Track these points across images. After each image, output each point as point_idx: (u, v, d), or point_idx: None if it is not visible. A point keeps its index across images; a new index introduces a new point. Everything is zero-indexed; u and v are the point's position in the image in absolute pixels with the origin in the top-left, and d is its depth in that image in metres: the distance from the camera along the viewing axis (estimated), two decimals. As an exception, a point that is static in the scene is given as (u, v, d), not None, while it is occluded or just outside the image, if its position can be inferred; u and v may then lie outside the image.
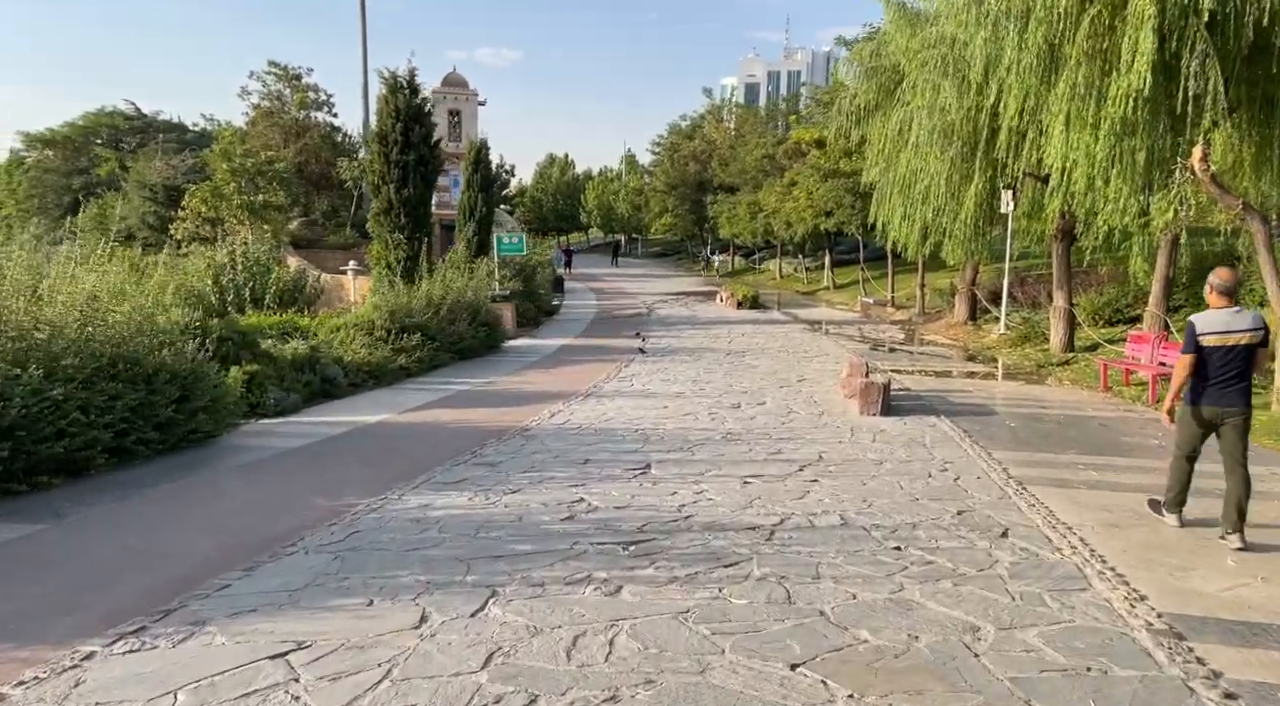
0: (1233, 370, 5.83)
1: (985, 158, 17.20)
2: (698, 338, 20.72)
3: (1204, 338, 5.88)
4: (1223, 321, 5.88)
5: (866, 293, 30.40)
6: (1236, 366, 5.83)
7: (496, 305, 20.36)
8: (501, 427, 9.80)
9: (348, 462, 8.35)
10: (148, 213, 40.97)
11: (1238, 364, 5.83)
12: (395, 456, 8.49)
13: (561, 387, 12.97)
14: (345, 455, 8.66)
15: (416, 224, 22.15)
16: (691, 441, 9.19)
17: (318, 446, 8.92)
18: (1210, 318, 5.95)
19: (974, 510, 6.71)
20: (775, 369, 15.55)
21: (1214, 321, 5.90)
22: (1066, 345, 17.60)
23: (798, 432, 9.79)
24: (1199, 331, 5.90)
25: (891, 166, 20.56)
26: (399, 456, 8.46)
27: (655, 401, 11.81)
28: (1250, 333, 5.81)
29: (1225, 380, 5.84)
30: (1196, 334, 5.90)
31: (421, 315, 15.39)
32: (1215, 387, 5.87)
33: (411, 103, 21.91)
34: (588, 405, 11.47)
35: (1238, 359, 5.82)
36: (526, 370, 15.13)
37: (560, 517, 6.32)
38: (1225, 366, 5.84)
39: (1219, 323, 5.88)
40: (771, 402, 11.89)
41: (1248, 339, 5.81)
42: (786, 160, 33.36)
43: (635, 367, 15.52)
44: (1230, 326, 5.84)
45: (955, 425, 10.37)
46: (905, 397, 12.36)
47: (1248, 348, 5.82)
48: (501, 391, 12.72)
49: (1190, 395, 6.03)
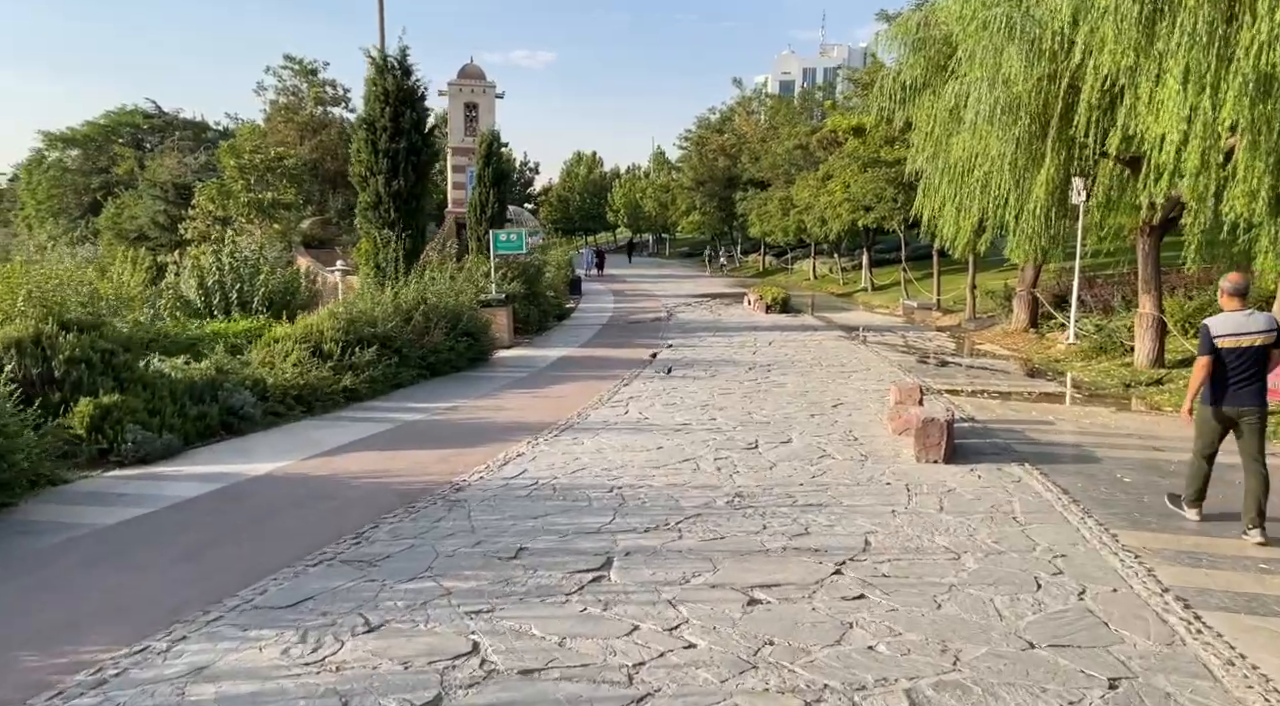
0: (1248, 370, 5.90)
1: (1058, 137, 14.22)
2: (718, 347, 17.95)
3: (1219, 340, 5.94)
4: (1236, 323, 5.94)
5: (908, 295, 27.36)
6: (1251, 367, 5.90)
7: (489, 310, 17.76)
8: (426, 484, 7.13)
9: (157, 559, 5.52)
10: (158, 212, 39.16)
11: (1252, 364, 5.90)
12: (240, 543, 5.82)
13: (537, 416, 10.30)
14: (167, 541, 5.86)
15: (408, 219, 19.69)
16: (683, 510, 6.45)
17: (141, 523, 6.19)
18: (1224, 320, 6.01)
19: (1135, 677, 3.90)
20: (806, 388, 12.74)
21: (1228, 324, 5.97)
22: (1155, 359, 14.54)
23: (833, 493, 7.01)
24: (1214, 333, 5.97)
25: (941, 152, 17.60)
26: (246, 543, 5.80)
27: (649, 438, 9.08)
28: (1263, 334, 5.88)
29: (1241, 380, 5.91)
30: (1212, 336, 5.98)
31: (387, 324, 12.83)
32: (1232, 388, 5.93)
33: (402, 84, 19.41)
34: (559, 445, 8.77)
35: (1252, 360, 5.90)
36: (505, 391, 12.46)
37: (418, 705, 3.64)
38: (1240, 367, 5.91)
39: (1233, 325, 5.95)
40: (799, 440, 9.11)
41: (1261, 340, 5.87)
42: (821, 151, 30.34)
43: (638, 386, 12.80)
44: (1244, 328, 5.91)
45: (1048, 479, 7.52)
46: (970, 432, 9.52)
47: (1262, 348, 5.89)
48: (459, 422, 10.05)
49: (1208, 396, 6.07)
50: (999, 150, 14.80)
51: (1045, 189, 14.45)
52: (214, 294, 18.26)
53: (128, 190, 44.24)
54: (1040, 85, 14.04)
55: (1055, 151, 14.30)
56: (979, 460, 8.29)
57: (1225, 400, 5.98)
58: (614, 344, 18.66)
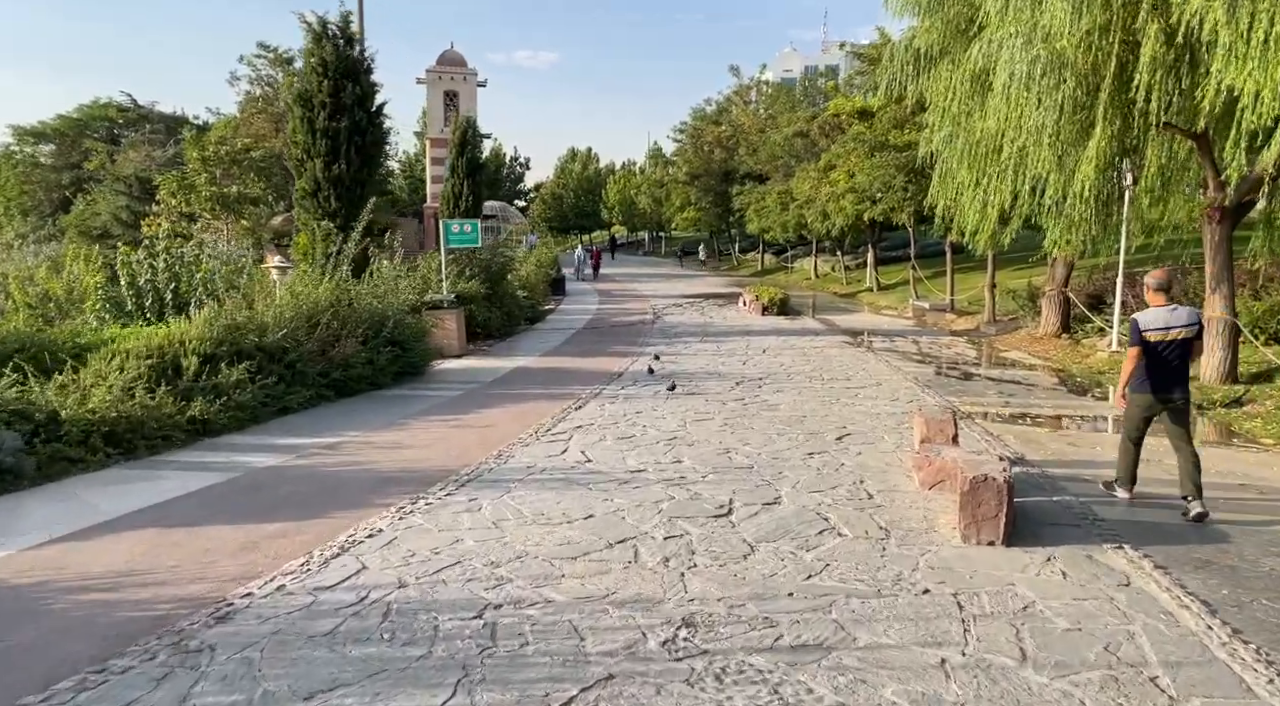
0: (1173, 361, 6.16)
1: (1111, 102, 11.51)
2: (704, 356, 15.23)
3: (1147, 333, 6.19)
4: (1163, 318, 6.19)
5: (918, 295, 24.62)
6: (1176, 358, 6.16)
7: (436, 314, 15.06)
8: (180, 604, 4.36)
9: None
10: (120, 208, 36.51)
11: (1178, 356, 6.16)
12: None
13: (439, 459, 7.58)
14: None
15: (352, 208, 16.96)
16: (586, 664, 3.71)
17: None
18: (1151, 315, 6.26)
19: None
20: (803, 412, 10.03)
21: (1156, 318, 6.22)
22: (1228, 372, 11.78)
23: (841, 616, 4.28)
24: (1143, 327, 6.22)
25: (960, 131, 14.90)
26: None
27: (579, 498, 6.36)
28: (1186, 328, 6.14)
29: (1168, 370, 6.16)
30: (1141, 330, 6.22)
31: (278, 332, 10.14)
32: (1160, 377, 6.18)
33: (344, 54, 16.69)
34: (442, 514, 6.01)
35: (1177, 351, 6.16)
36: (420, 417, 9.72)
37: None
38: (1167, 358, 6.16)
39: (1160, 319, 6.20)
40: (791, 501, 6.38)
41: (1184, 333, 6.14)
42: (823, 138, 27.54)
43: (592, 410, 10.10)
44: (1169, 322, 6.16)
45: (1172, 580, 4.80)
46: (1027, 482, 6.80)
47: (1185, 341, 6.15)
48: (324, 471, 7.27)
49: (1137, 384, 6.28)
50: (1037, 121, 12.05)
51: (1095, 165, 11.69)
52: (146, 294, 15.61)
53: (100, 186, 41.71)
54: (1089, 40, 11.35)
55: (1108, 120, 11.55)
56: (1055, 537, 5.57)
57: (1154, 388, 6.23)
58: (584, 352, 15.95)
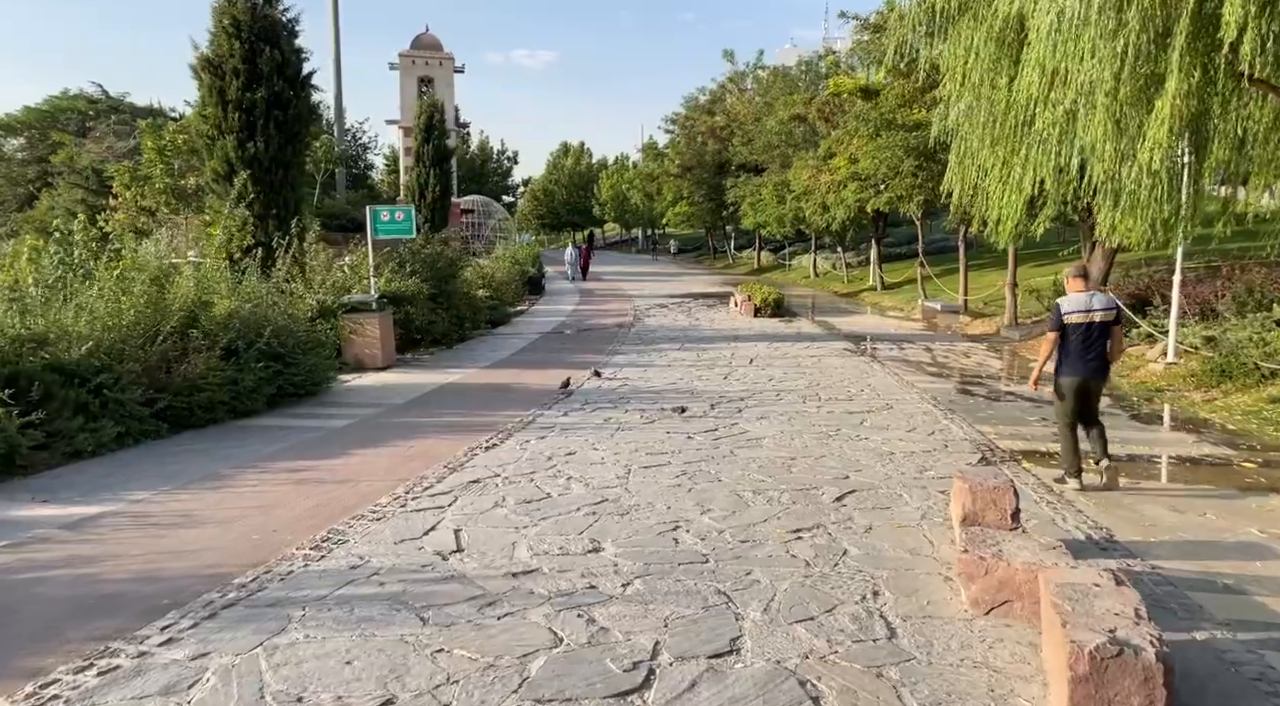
0: (1092, 345, 6.33)
1: (1190, 45, 8.80)
2: (680, 367, 12.58)
3: (1067, 317, 6.39)
4: (1083, 303, 6.38)
5: (927, 294, 21.93)
6: (1095, 341, 6.34)
7: (354, 318, 12.42)
8: None
9: None
10: (75, 202, 33.93)
11: (1096, 340, 6.33)
12: None
13: (215, 555, 4.90)
14: None
15: (271, 195, 14.39)
16: None
17: None
18: (1072, 300, 6.45)
19: None
20: (792, 452, 7.38)
21: (1075, 303, 6.40)
22: (1335, 392, 9.15)
23: None
24: (1064, 311, 6.42)
25: (983, 100, 12.13)
26: None
27: (381, 655, 3.69)
28: (1104, 312, 6.35)
29: (1086, 354, 6.35)
30: (1062, 313, 6.43)
31: (83, 345, 7.49)
32: (1079, 360, 6.37)
33: (261, 13, 14.08)
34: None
35: (1096, 335, 6.32)
36: (260, 464, 7.00)
37: None
38: (1085, 341, 6.35)
39: (1080, 304, 6.39)
40: (757, 648, 3.68)
41: (1101, 317, 6.33)
42: (823, 122, 24.83)
43: (506, 451, 7.45)
44: (1088, 306, 6.36)
45: None
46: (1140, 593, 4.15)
47: (1103, 324, 6.33)
48: (18, 576, 4.65)
49: (1066, 369, 6.44)
50: (1089, 76, 9.25)
51: (1167, 128, 8.93)
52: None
53: (62, 180, 39.24)
54: (1161, -32, 8.67)
55: (1184, 72, 8.81)
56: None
57: (1073, 371, 6.39)
58: (539, 363, 13.31)
